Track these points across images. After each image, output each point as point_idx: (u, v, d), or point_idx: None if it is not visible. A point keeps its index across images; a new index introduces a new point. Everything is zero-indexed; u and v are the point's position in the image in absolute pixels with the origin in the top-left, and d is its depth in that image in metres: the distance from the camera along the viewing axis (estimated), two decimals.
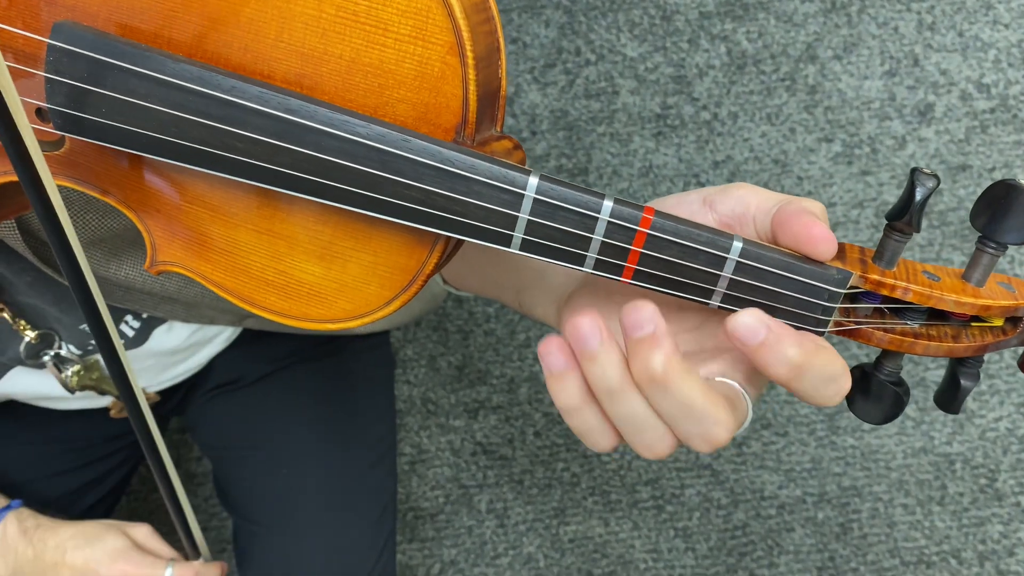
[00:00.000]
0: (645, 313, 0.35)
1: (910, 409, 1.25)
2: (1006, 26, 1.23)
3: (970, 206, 1.25)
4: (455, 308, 1.27)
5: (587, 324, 0.36)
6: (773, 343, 0.36)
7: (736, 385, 0.39)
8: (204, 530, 1.25)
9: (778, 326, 0.36)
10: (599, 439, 0.39)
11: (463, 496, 1.27)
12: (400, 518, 1.26)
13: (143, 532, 0.71)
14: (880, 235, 1.26)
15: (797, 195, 0.41)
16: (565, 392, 0.37)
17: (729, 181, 1.26)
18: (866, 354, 1.23)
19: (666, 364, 0.35)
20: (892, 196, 1.25)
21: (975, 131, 1.24)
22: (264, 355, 0.84)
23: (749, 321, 0.36)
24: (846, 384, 0.37)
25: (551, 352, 0.37)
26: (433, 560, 1.26)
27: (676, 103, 1.26)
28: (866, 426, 1.26)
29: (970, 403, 1.25)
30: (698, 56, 1.25)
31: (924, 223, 1.21)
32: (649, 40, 1.25)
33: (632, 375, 0.36)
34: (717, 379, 0.40)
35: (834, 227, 1.26)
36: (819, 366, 0.36)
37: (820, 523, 1.26)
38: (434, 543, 1.27)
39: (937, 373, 1.25)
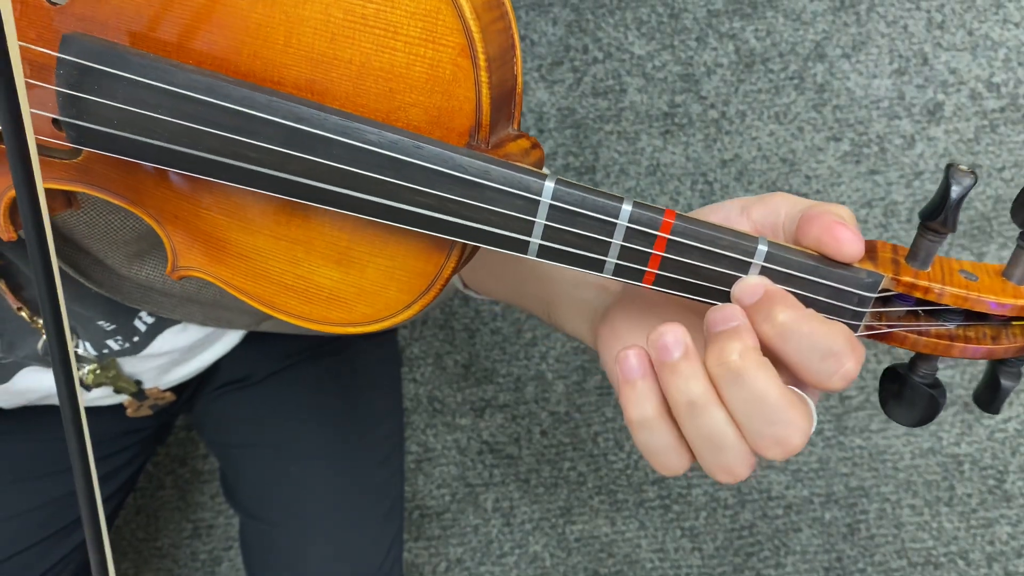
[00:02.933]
0: (732, 311, 0.35)
1: None
2: (1016, 25, 1.22)
3: (979, 206, 1.24)
4: (462, 306, 1.27)
5: (671, 333, 0.35)
6: (765, 302, 0.36)
7: (798, 391, 0.38)
8: (210, 528, 1.25)
9: (778, 291, 0.36)
10: (672, 459, 0.38)
11: (469, 495, 1.27)
12: (406, 516, 1.26)
13: None
14: (888, 234, 1.26)
15: (804, 194, 0.40)
16: (640, 403, 0.37)
17: (737, 180, 1.26)
18: (906, 352, 1.22)
19: (744, 353, 0.35)
20: (901, 195, 1.25)
21: (984, 130, 1.24)
22: (272, 353, 0.84)
23: (753, 280, 0.36)
24: (848, 364, 0.35)
25: (629, 357, 0.36)
26: (439, 559, 1.26)
27: (684, 101, 1.25)
28: (874, 426, 1.25)
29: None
30: (706, 54, 1.25)
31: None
32: (657, 38, 1.25)
33: (708, 370, 0.35)
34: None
35: None
36: (808, 333, 0.35)
37: (827, 523, 1.25)
38: (440, 542, 1.27)
39: (949, 372, 1.24)
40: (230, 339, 0.78)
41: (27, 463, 0.80)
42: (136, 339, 0.66)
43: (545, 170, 0.37)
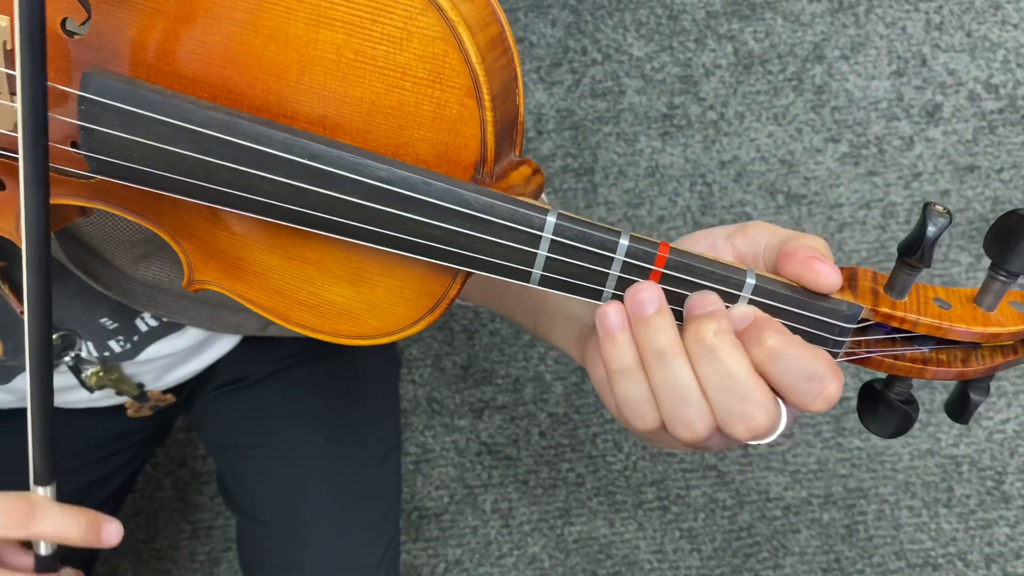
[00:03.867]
0: (711, 298, 0.38)
1: None
2: (1015, 26, 1.22)
3: (977, 207, 1.24)
4: (460, 308, 1.27)
5: (647, 291, 0.38)
6: (755, 327, 0.38)
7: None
8: (208, 529, 1.25)
9: (766, 317, 0.39)
10: (643, 411, 0.40)
11: (468, 496, 1.27)
12: (405, 518, 1.26)
13: None
14: (886, 236, 1.26)
15: (803, 196, 0.42)
16: (619, 354, 0.39)
17: (735, 181, 1.26)
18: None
19: (718, 332, 0.37)
20: (899, 197, 1.25)
21: (983, 131, 1.24)
22: (270, 354, 0.84)
23: (745, 309, 0.39)
24: (831, 386, 0.38)
25: (608, 312, 0.39)
26: (438, 560, 1.26)
27: (682, 103, 1.25)
28: None
29: None
30: (705, 56, 1.25)
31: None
32: (656, 40, 1.25)
33: (684, 343, 0.38)
34: None
35: (840, 228, 1.26)
36: (795, 356, 0.37)
37: (826, 525, 1.25)
38: (439, 543, 1.27)
39: None
40: (229, 341, 0.78)
41: (25, 464, 0.79)
42: (136, 338, 0.66)
43: (545, 193, 0.37)
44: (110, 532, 0.52)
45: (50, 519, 0.48)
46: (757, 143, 1.25)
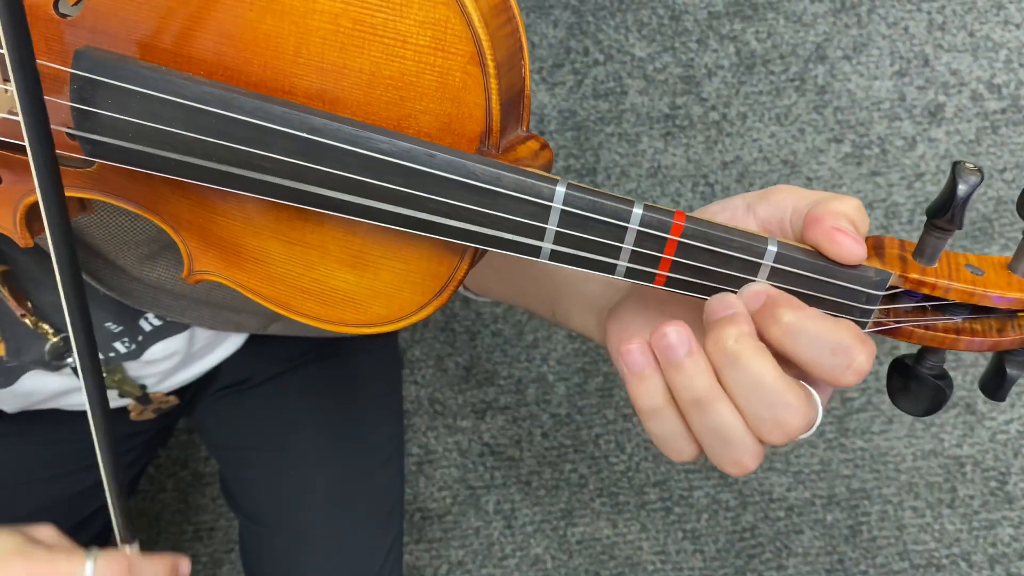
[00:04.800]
0: (729, 299, 0.37)
1: None
2: (1017, 26, 1.22)
3: (980, 207, 1.24)
4: (463, 308, 1.27)
5: (674, 333, 0.36)
6: (769, 305, 0.37)
7: (803, 384, 0.38)
8: (211, 530, 1.25)
9: (780, 293, 0.37)
10: (682, 446, 0.39)
11: (470, 497, 1.27)
12: (407, 519, 1.26)
13: (46, 532, 0.60)
14: (888, 236, 1.26)
15: None
16: (647, 394, 0.37)
17: (738, 182, 1.26)
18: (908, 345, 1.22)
19: (740, 338, 0.35)
20: (902, 197, 1.25)
21: (986, 131, 1.24)
22: (272, 356, 0.84)
23: (756, 287, 0.37)
24: (858, 357, 0.36)
25: (633, 351, 0.37)
26: (440, 561, 1.26)
27: (685, 103, 1.25)
28: (876, 428, 1.25)
29: (980, 405, 1.25)
30: (707, 56, 1.25)
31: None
32: (658, 40, 1.25)
33: (708, 356, 0.36)
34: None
35: None
36: (815, 330, 0.36)
37: (829, 525, 1.25)
38: (441, 544, 1.27)
39: (951, 373, 1.24)
40: (232, 343, 0.78)
41: (30, 466, 0.80)
42: (140, 339, 0.66)
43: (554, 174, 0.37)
44: (184, 569, 0.58)
45: (145, 572, 0.54)
46: (759, 143, 1.25)
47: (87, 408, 0.43)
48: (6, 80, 0.38)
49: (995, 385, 0.42)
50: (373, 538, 0.85)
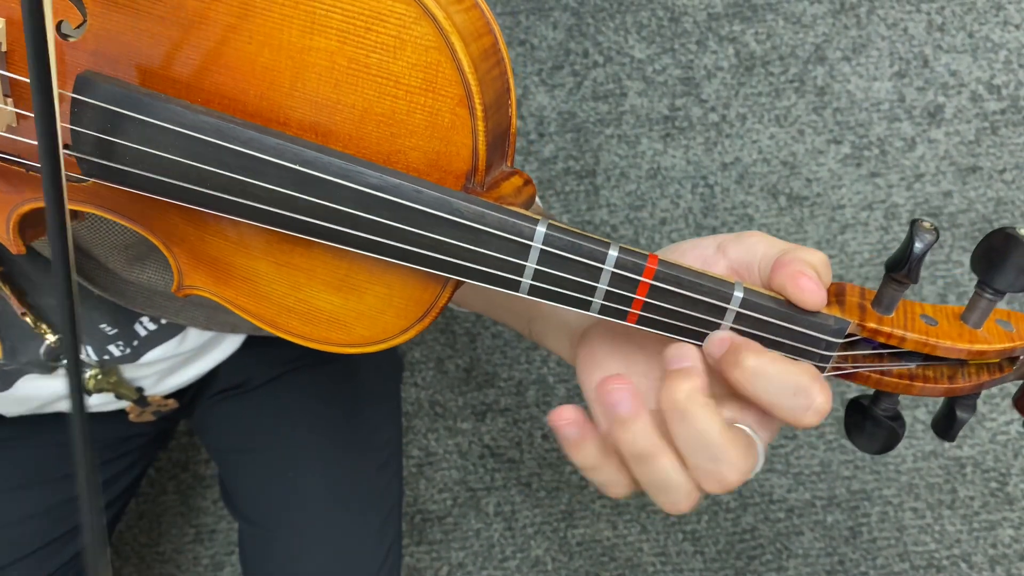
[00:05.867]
0: (686, 351, 0.39)
1: (919, 412, 1.24)
2: (1016, 27, 1.22)
3: (980, 208, 1.24)
4: (462, 311, 1.27)
5: (618, 390, 0.38)
6: (732, 351, 0.38)
7: (748, 430, 0.41)
8: (212, 533, 1.25)
9: (742, 340, 0.39)
10: (619, 490, 0.41)
11: (471, 499, 1.27)
12: (408, 521, 1.26)
13: None
14: (888, 237, 1.26)
15: (805, 197, 0.42)
16: (583, 455, 0.40)
17: (737, 183, 1.26)
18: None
19: (690, 394, 0.37)
20: (902, 198, 1.25)
21: (985, 132, 1.24)
22: (271, 359, 0.84)
23: (721, 334, 0.39)
24: (817, 398, 0.37)
25: (565, 423, 0.39)
26: (441, 563, 1.26)
27: (684, 105, 1.25)
28: None
29: (981, 406, 1.25)
30: (706, 58, 1.25)
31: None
32: (657, 42, 1.25)
33: (659, 402, 0.38)
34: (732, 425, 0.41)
35: (843, 229, 1.25)
36: (776, 373, 0.38)
37: (829, 527, 1.25)
38: (442, 546, 1.27)
39: None
40: (229, 345, 0.78)
41: (27, 470, 0.80)
42: (136, 343, 0.67)
43: (538, 202, 0.37)
44: None
45: None
46: (759, 145, 1.25)
47: (69, 403, 0.44)
48: (7, 96, 0.38)
49: (945, 426, 0.44)
50: (372, 541, 0.85)
